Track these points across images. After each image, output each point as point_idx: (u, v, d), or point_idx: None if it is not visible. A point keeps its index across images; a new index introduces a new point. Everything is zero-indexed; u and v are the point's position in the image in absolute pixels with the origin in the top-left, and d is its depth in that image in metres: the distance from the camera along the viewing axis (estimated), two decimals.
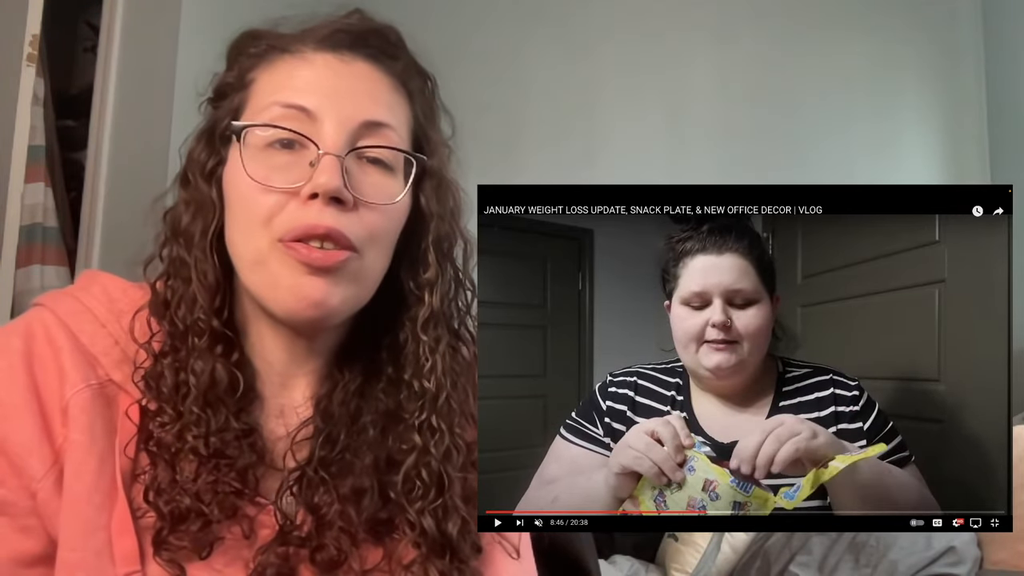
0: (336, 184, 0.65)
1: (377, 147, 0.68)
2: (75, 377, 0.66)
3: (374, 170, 0.69)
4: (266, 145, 0.67)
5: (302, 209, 0.65)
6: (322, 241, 0.65)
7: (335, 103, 0.68)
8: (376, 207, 0.68)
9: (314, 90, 0.68)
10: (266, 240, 0.66)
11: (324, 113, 0.67)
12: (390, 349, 0.73)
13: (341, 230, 0.65)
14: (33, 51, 2.05)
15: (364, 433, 0.71)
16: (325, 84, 0.69)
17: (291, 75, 0.69)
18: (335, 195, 0.65)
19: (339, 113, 0.67)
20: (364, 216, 0.67)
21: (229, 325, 0.70)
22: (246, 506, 0.67)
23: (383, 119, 0.69)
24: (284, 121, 0.67)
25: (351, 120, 0.67)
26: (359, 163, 0.68)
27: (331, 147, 0.66)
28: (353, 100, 0.69)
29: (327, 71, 0.69)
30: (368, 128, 0.68)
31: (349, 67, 0.70)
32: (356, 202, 0.67)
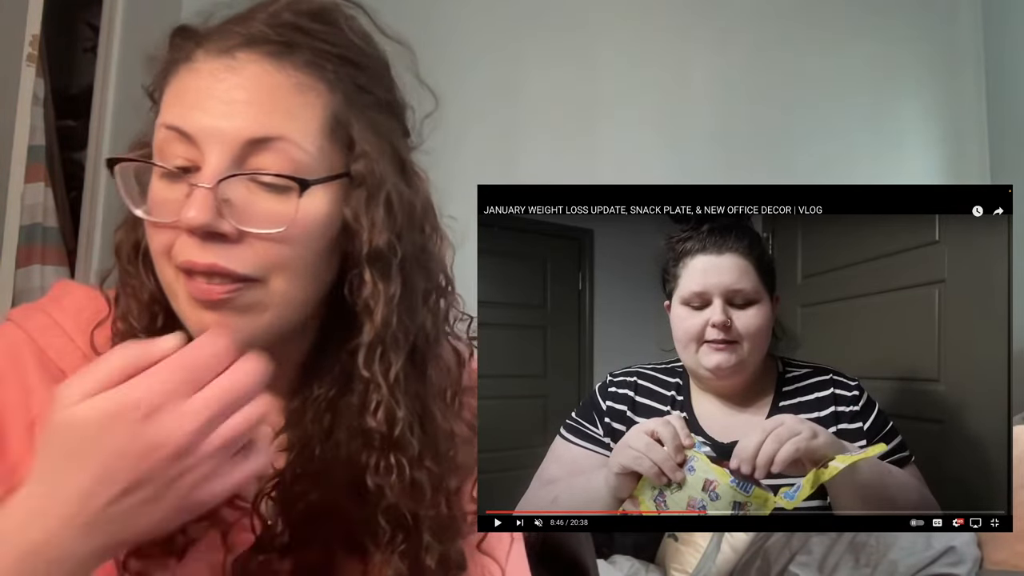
0: (202, 220, 0.59)
1: (257, 173, 0.61)
2: (43, 392, 0.64)
3: (266, 194, 0.61)
4: (160, 176, 0.62)
5: (185, 243, 0.61)
6: (208, 279, 0.61)
7: (214, 123, 0.60)
8: (271, 235, 0.61)
9: (194, 107, 0.61)
10: (171, 271, 0.63)
11: (202, 136, 0.60)
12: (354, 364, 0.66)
13: (223, 265, 0.60)
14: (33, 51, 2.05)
15: (338, 449, 0.66)
16: (206, 100, 0.61)
17: (180, 91, 0.62)
18: (206, 229, 0.59)
19: (219, 134, 0.60)
20: (255, 245, 0.61)
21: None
22: (222, 509, 0.65)
23: (273, 132, 0.61)
24: (168, 145, 0.61)
25: (233, 140, 0.60)
26: (248, 187, 0.61)
27: (206, 175, 0.59)
28: (236, 116, 0.60)
29: (211, 82, 0.61)
30: (255, 146, 0.60)
31: (239, 73, 0.61)
32: (241, 233, 0.60)
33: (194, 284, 0.61)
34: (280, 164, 0.61)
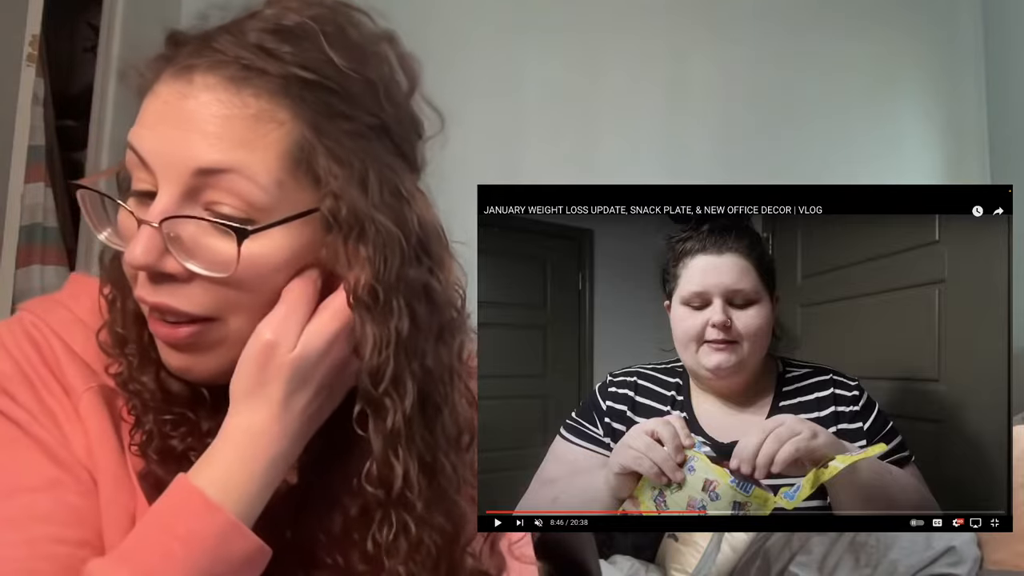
0: (143, 261, 0.57)
1: (191, 218, 0.57)
2: (76, 381, 0.64)
3: (215, 233, 0.58)
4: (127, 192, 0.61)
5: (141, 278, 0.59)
6: (161, 314, 0.59)
7: (163, 151, 0.57)
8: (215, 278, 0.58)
9: (149, 134, 0.58)
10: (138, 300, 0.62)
11: (154, 161, 0.57)
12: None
13: (173, 305, 0.58)
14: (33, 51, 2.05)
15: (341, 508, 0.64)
16: (159, 126, 0.58)
17: (144, 111, 0.59)
18: (148, 269, 0.57)
19: (168, 162, 0.57)
20: (205, 285, 0.58)
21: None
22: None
23: (223, 164, 0.56)
24: (133, 167, 0.59)
25: (183, 170, 0.57)
26: (199, 223, 0.58)
27: (154, 211, 0.57)
28: (185, 143, 0.56)
29: (165, 107, 0.58)
30: (206, 177, 0.57)
31: (191, 100, 0.57)
32: (189, 272, 0.58)
33: (156, 324, 0.60)
34: (231, 199, 0.57)
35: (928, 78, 2.85)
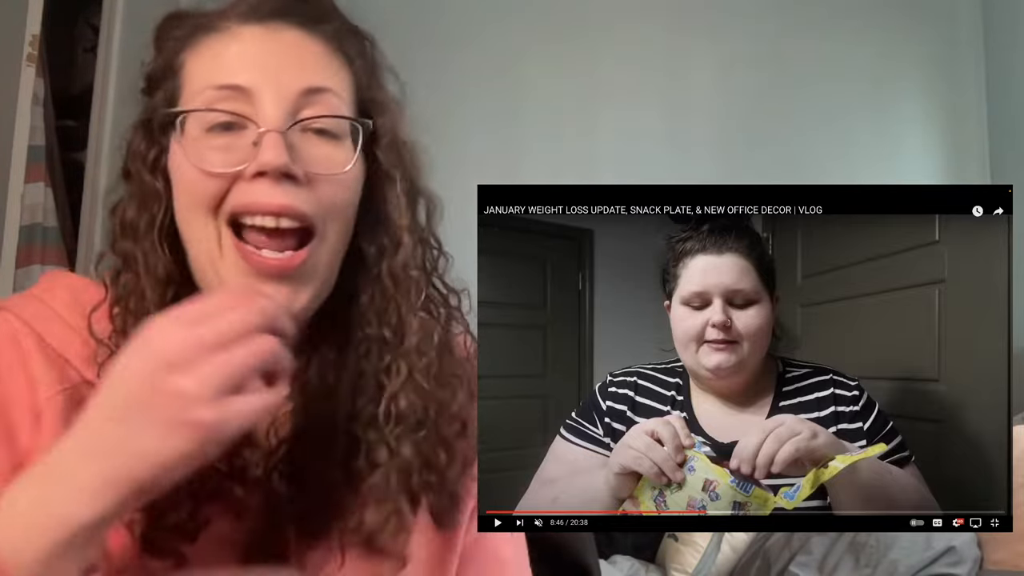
0: (283, 160, 0.62)
1: (320, 117, 0.66)
2: (47, 381, 0.65)
3: (320, 141, 0.66)
4: (206, 130, 0.65)
5: (250, 187, 0.63)
6: (276, 219, 0.63)
7: (270, 76, 0.65)
8: (329, 178, 0.65)
9: (246, 66, 0.65)
10: (218, 226, 0.65)
11: (260, 88, 0.64)
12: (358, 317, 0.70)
13: (296, 206, 0.63)
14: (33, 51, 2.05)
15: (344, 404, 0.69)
16: (257, 58, 0.66)
17: (220, 54, 0.66)
18: (283, 171, 0.63)
19: (276, 86, 0.65)
20: (318, 190, 0.65)
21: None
22: (234, 486, 0.66)
23: (323, 84, 0.67)
24: (220, 103, 0.65)
25: (289, 91, 0.65)
26: (304, 136, 0.65)
27: (272, 123, 0.64)
28: (288, 70, 0.66)
29: (256, 44, 0.66)
30: (308, 96, 0.66)
31: (279, 36, 0.67)
32: (307, 176, 0.64)
33: (257, 258, 0.64)
34: (329, 112, 0.66)
35: (928, 78, 2.84)
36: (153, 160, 0.68)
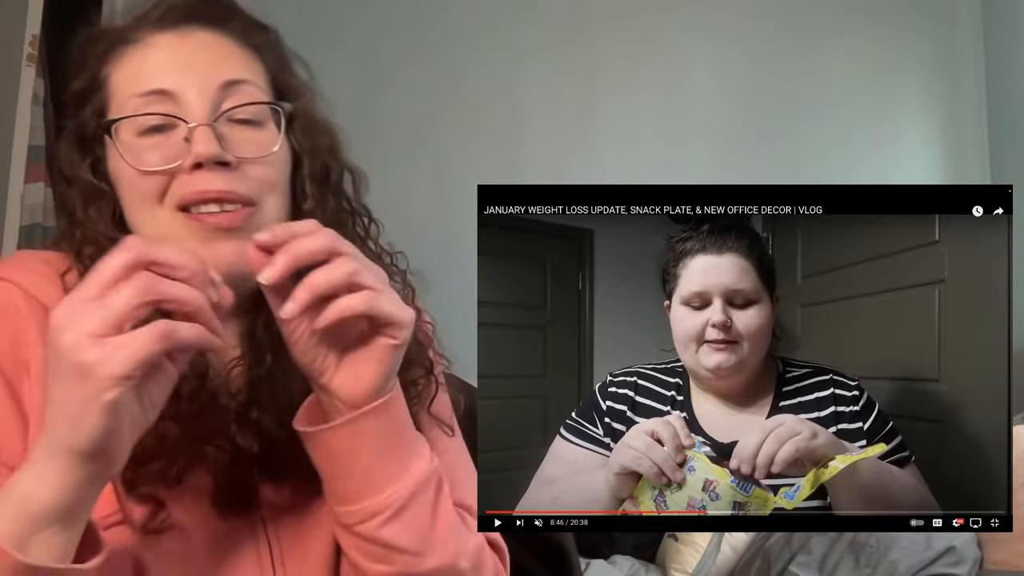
0: (214, 150, 0.68)
1: (241, 106, 0.71)
2: (31, 336, 0.68)
3: (245, 128, 0.71)
4: (138, 134, 0.70)
5: (191, 179, 0.68)
6: (220, 204, 0.69)
7: (189, 76, 0.70)
8: (257, 161, 0.71)
9: (166, 70, 0.71)
10: (166, 214, 0.69)
11: (182, 88, 0.70)
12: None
13: (232, 189, 0.69)
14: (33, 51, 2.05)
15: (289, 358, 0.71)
16: (175, 61, 0.71)
17: (141, 63, 0.72)
18: (217, 159, 0.68)
19: (196, 84, 0.70)
20: (249, 172, 0.70)
21: None
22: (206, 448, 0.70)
23: (239, 76, 0.72)
24: (148, 107, 0.70)
25: (210, 86, 0.70)
26: (229, 126, 0.71)
27: (199, 117, 0.69)
28: (205, 67, 0.71)
29: (172, 49, 0.72)
30: (228, 88, 0.71)
31: (191, 39, 0.72)
32: (238, 161, 0.69)
33: (206, 218, 0.68)
34: (249, 101, 0.71)
35: (928, 78, 2.84)
36: (91, 166, 0.73)
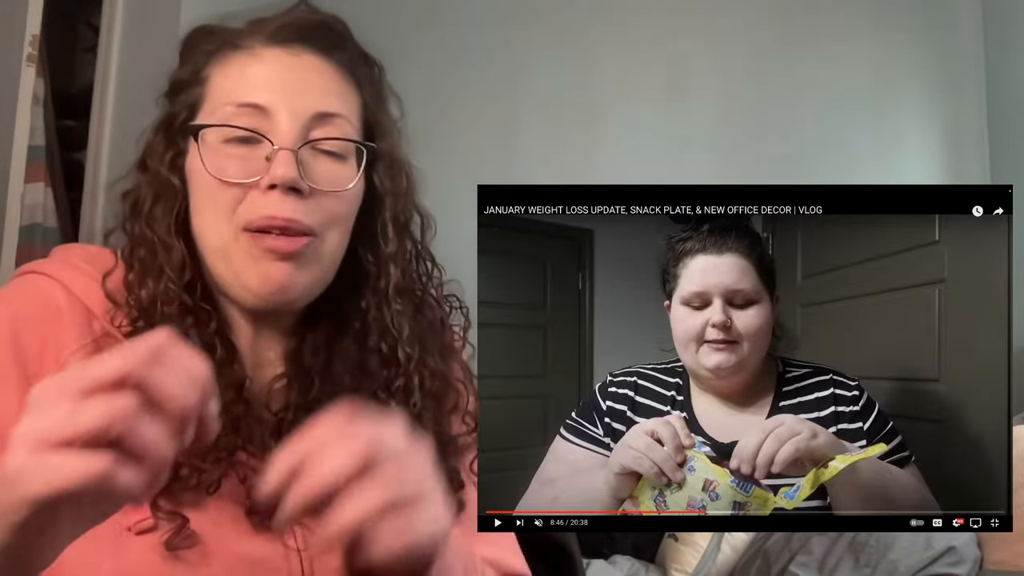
0: (292, 175, 0.68)
1: (329, 139, 0.72)
2: (70, 338, 0.68)
3: (327, 159, 0.72)
4: (224, 141, 0.71)
5: (262, 199, 0.69)
6: (283, 230, 0.69)
7: (287, 97, 0.71)
8: (331, 194, 0.71)
9: (266, 86, 0.71)
10: (230, 230, 0.70)
11: (277, 108, 0.70)
12: (355, 311, 0.76)
13: (299, 219, 0.69)
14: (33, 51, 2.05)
15: (339, 380, 0.74)
16: (276, 79, 0.72)
17: (243, 72, 0.72)
18: (291, 185, 0.68)
19: (291, 107, 0.70)
20: (321, 202, 0.71)
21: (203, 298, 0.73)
22: (239, 453, 0.70)
23: (334, 109, 0.72)
24: (239, 118, 0.70)
25: (303, 113, 0.71)
26: (313, 153, 0.71)
27: (285, 141, 0.69)
28: (304, 93, 0.72)
29: (278, 66, 0.72)
30: (320, 119, 0.71)
31: (298, 60, 0.73)
32: (312, 190, 0.70)
33: (267, 239, 0.69)
34: (338, 135, 0.72)
35: (928, 78, 2.84)
36: (171, 159, 0.73)
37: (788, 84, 2.79)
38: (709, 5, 2.82)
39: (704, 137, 2.76)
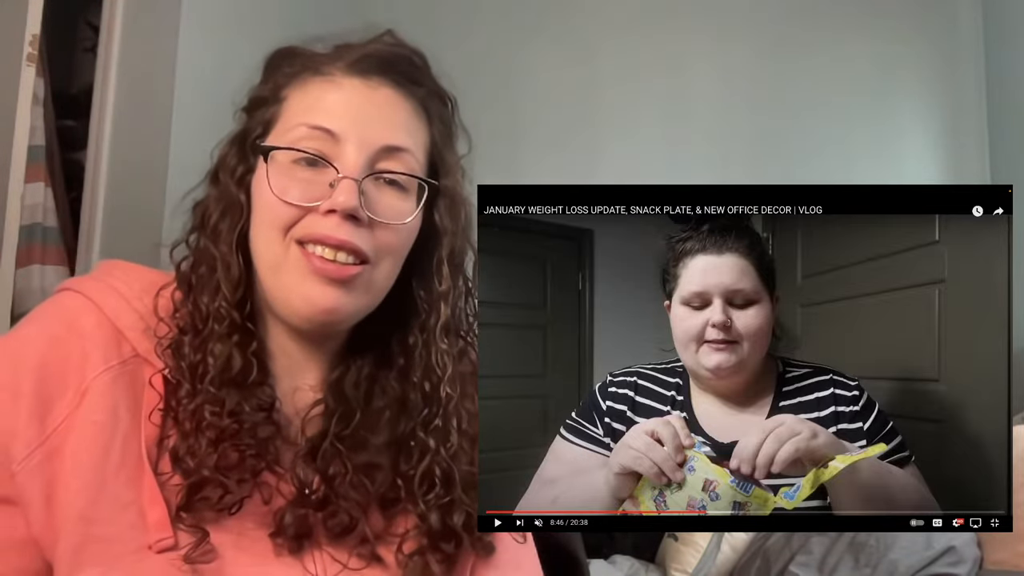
0: (353, 204, 0.70)
1: (393, 173, 0.73)
2: (96, 359, 0.69)
3: (389, 191, 0.73)
4: (292, 162, 0.72)
5: (321, 221, 0.70)
6: (336, 251, 0.70)
7: (358, 128, 0.72)
8: (388, 225, 0.72)
9: (340, 114, 0.73)
10: (285, 243, 0.71)
11: (347, 136, 0.72)
12: (400, 346, 0.78)
13: (355, 243, 0.70)
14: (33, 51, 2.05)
15: (379, 415, 0.75)
16: (351, 109, 0.73)
17: (321, 97, 0.74)
18: (351, 213, 0.70)
19: (361, 137, 0.72)
20: (377, 232, 0.72)
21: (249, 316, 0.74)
22: (265, 474, 0.71)
23: (402, 144, 0.74)
24: (309, 140, 0.72)
25: (372, 144, 0.72)
26: (376, 184, 0.73)
27: (351, 170, 0.71)
28: (375, 125, 0.73)
29: (354, 95, 0.74)
30: (387, 152, 0.73)
31: (375, 92, 0.74)
32: (370, 220, 0.71)
33: (320, 261, 0.70)
34: (403, 169, 0.73)
35: (928, 78, 2.84)
36: (241, 175, 0.75)
37: (788, 84, 2.80)
38: (709, 5, 2.82)
39: (704, 136, 2.76)
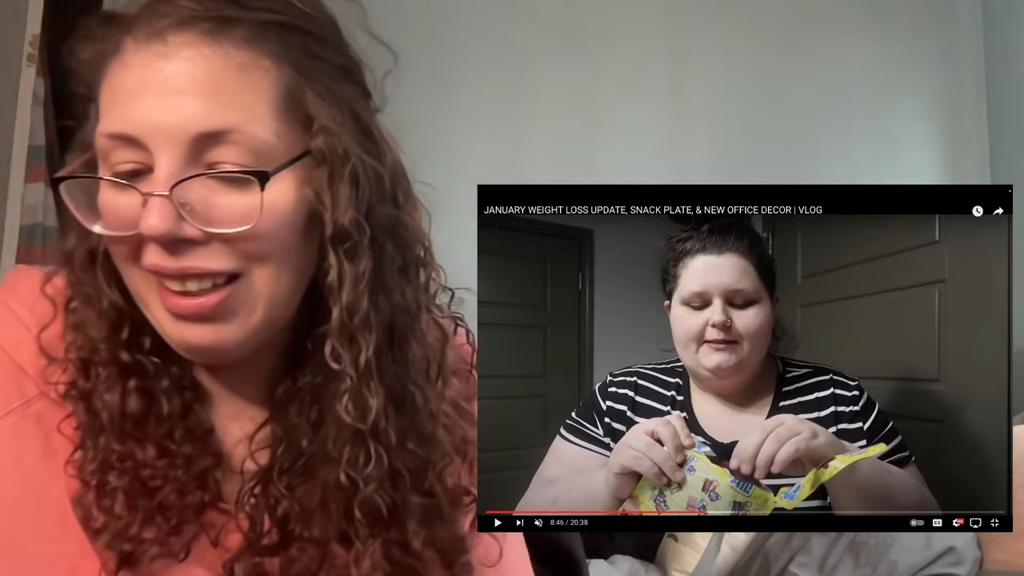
0: (163, 229, 0.54)
1: (208, 173, 0.56)
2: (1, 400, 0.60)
3: (224, 189, 0.56)
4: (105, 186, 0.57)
5: (150, 248, 0.57)
6: (182, 281, 0.56)
7: (157, 121, 0.55)
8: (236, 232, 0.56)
9: (134, 108, 0.55)
10: (143, 275, 0.58)
11: (148, 137, 0.55)
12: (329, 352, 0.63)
13: (200, 265, 0.56)
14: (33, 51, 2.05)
15: (325, 443, 0.62)
16: (144, 96, 0.55)
17: (114, 89, 0.57)
18: (166, 239, 0.55)
19: (165, 133, 0.55)
20: (227, 241, 0.57)
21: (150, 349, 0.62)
22: (210, 512, 0.62)
23: (224, 125, 0.55)
24: (113, 152, 0.56)
25: (183, 138, 0.55)
26: (206, 184, 0.56)
27: (159, 180, 0.55)
28: (180, 110, 0.55)
29: (145, 75, 0.55)
30: (208, 140, 0.55)
31: (173, 61, 0.55)
32: (207, 234, 0.56)
33: (175, 298, 0.57)
34: (238, 156, 0.56)
35: (928, 78, 2.85)
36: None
37: (788, 84, 2.80)
38: (709, 6, 2.82)
39: (704, 137, 2.76)
